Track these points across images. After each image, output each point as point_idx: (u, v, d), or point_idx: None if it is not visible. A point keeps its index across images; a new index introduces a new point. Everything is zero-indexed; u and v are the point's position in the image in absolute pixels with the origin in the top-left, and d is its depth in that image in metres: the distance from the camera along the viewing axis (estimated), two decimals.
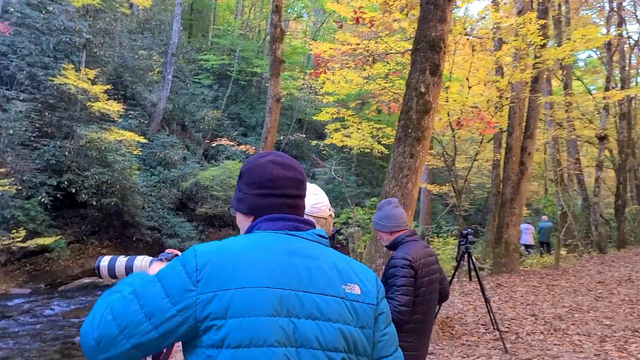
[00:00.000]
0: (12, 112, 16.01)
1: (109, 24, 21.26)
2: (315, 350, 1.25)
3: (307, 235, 1.39)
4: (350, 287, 1.34)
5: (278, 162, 1.45)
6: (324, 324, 1.27)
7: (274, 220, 1.39)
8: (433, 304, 3.23)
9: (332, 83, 10.96)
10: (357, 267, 1.41)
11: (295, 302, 1.26)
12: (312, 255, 1.34)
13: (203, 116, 25.04)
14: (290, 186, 1.44)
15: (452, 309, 8.65)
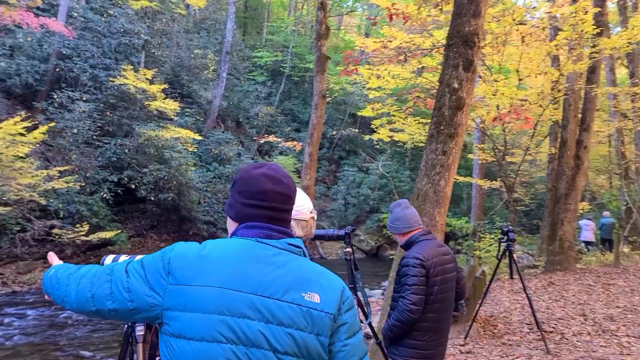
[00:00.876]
0: (76, 113, 16.88)
1: (166, 25, 21.96)
2: (267, 351, 1.34)
3: (277, 243, 1.46)
4: (310, 296, 1.40)
5: (269, 175, 1.53)
6: (276, 327, 1.35)
7: (249, 228, 1.49)
8: (449, 302, 3.23)
9: (378, 78, 10.90)
10: (324, 277, 1.47)
11: (250, 304, 1.35)
12: (276, 262, 1.42)
13: (257, 112, 25.48)
14: (278, 200, 1.51)
15: (498, 307, 8.46)
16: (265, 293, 1.37)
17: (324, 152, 27.36)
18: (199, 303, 1.34)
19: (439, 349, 3.19)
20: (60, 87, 17.85)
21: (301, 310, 1.38)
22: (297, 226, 1.92)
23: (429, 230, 3.34)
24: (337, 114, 28.22)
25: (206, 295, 1.34)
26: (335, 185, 26.26)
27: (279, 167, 1.60)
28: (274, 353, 1.34)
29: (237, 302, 1.35)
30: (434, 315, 3.11)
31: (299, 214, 1.92)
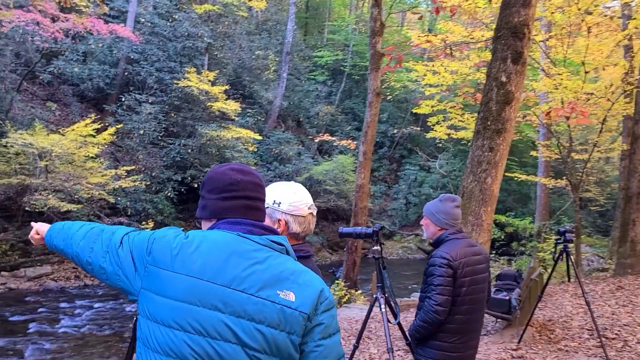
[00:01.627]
0: (143, 114, 17.59)
1: (228, 28, 22.45)
2: (235, 345, 1.34)
3: (259, 239, 1.47)
4: (285, 294, 1.40)
5: (236, 168, 1.57)
6: (247, 322, 1.36)
7: (232, 224, 1.50)
8: (479, 304, 3.09)
9: (434, 74, 10.65)
10: (303, 276, 1.46)
11: (222, 297, 1.36)
12: (255, 257, 1.43)
13: (317, 112, 25.60)
14: (250, 189, 1.54)
15: (559, 311, 8.05)
16: (240, 287, 1.37)
17: (385, 151, 27.11)
18: (172, 289, 1.37)
19: (467, 351, 3.07)
20: (129, 90, 18.67)
21: (275, 308, 1.38)
22: (294, 222, 1.92)
23: (460, 229, 3.20)
24: (399, 112, 27.87)
25: (180, 283, 1.36)
26: (396, 184, 25.96)
27: (242, 164, 1.63)
28: (243, 347, 1.34)
29: (209, 293, 1.36)
30: (461, 317, 2.99)
31: (297, 210, 1.91)
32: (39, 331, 10.39)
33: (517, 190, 24.49)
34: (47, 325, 10.70)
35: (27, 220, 14.91)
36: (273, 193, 1.95)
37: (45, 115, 16.72)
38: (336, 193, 21.79)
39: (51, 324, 10.80)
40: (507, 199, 24.51)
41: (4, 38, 15.55)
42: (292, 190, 1.96)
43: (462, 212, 4.94)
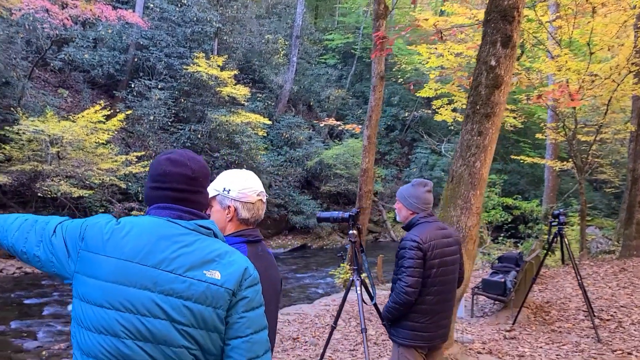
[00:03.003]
0: (153, 100, 17.75)
1: (237, 12, 22.42)
2: (163, 320, 1.45)
3: (187, 224, 1.57)
4: (211, 273, 1.51)
5: (171, 159, 1.64)
6: (175, 300, 1.47)
7: (162, 209, 1.61)
8: (449, 285, 3.18)
9: (438, 57, 10.58)
10: (228, 256, 1.57)
11: (152, 277, 1.47)
12: (183, 241, 1.54)
13: (328, 96, 25.54)
14: (177, 181, 1.61)
15: (559, 293, 8.08)
16: (168, 268, 1.48)
17: (396, 135, 27.02)
18: (104, 272, 1.47)
19: (439, 331, 3.16)
20: (139, 76, 18.82)
21: (201, 286, 1.48)
22: (243, 208, 1.99)
23: (431, 212, 3.26)
24: (410, 95, 27.68)
25: (111, 266, 1.47)
26: (408, 167, 25.91)
27: (187, 152, 1.68)
28: (171, 322, 1.45)
29: (139, 274, 1.46)
30: (432, 298, 3.08)
31: (245, 197, 1.98)
32: (53, 314, 10.67)
33: (529, 173, 24.30)
34: (61, 309, 10.98)
35: (41, 206, 15.24)
36: (223, 180, 2.04)
37: (57, 102, 16.94)
38: (347, 177, 21.85)
39: (65, 307, 11.09)
40: (520, 182, 24.34)
41: (14, 26, 15.73)
42: (242, 177, 2.03)
43: (451, 196, 5.03)
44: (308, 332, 6.95)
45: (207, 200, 1.75)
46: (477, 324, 6.62)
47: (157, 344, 1.44)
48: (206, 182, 1.71)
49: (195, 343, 1.47)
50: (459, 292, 5.04)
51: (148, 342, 1.44)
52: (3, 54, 14.84)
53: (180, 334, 1.45)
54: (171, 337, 1.45)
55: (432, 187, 3.29)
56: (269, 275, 2.00)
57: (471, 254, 5.07)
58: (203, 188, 1.69)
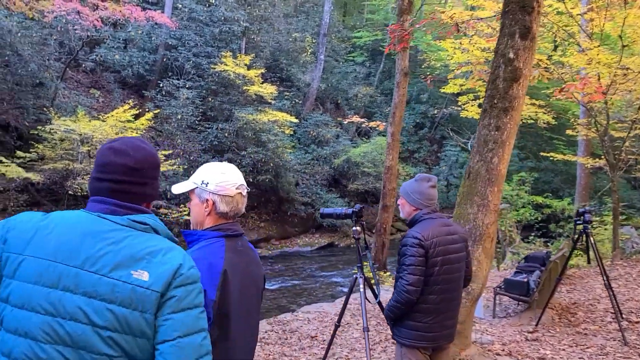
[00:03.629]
0: (181, 99, 17.96)
1: (265, 11, 22.50)
2: (84, 325, 1.36)
3: (120, 219, 1.50)
4: (139, 274, 1.42)
5: (115, 148, 1.56)
6: (98, 302, 1.39)
7: (96, 202, 1.54)
8: (454, 284, 3.06)
9: (463, 52, 10.36)
10: (160, 255, 1.47)
11: (74, 278, 1.40)
12: (111, 238, 1.46)
13: (356, 93, 25.42)
14: (118, 172, 1.54)
15: (587, 294, 7.81)
16: (92, 268, 1.40)
17: (425, 132, 26.72)
18: (26, 273, 1.41)
19: (443, 331, 3.05)
20: (167, 75, 19.07)
21: (126, 288, 1.40)
22: (221, 202, 1.94)
23: (435, 209, 3.15)
24: (439, 93, 27.32)
25: (32, 266, 1.41)
26: (437, 165, 25.58)
27: (133, 140, 1.61)
28: (93, 327, 1.37)
29: (61, 275, 1.40)
30: (435, 297, 2.98)
31: (224, 190, 1.93)
32: None
33: (563, 171, 23.69)
34: None
35: (73, 203, 15.56)
36: (202, 173, 1.98)
37: (88, 102, 17.29)
38: (374, 175, 21.69)
39: None
40: (554, 180, 23.76)
41: (47, 28, 16.12)
42: (221, 170, 1.97)
43: (467, 193, 4.90)
44: (327, 330, 6.88)
45: (155, 192, 1.67)
46: (498, 324, 6.44)
47: (77, 349, 1.37)
48: (153, 172, 1.62)
49: (119, 349, 1.39)
50: (476, 292, 4.91)
51: (67, 346, 1.37)
52: (37, 55, 15.22)
53: (102, 339, 1.37)
54: (92, 343, 1.37)
55: (436, 183, 3.18)
56: (250, 272, 1.95)
57: (489, 253, 4.93)
58: (148, 179, 1.60)
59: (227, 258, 1.83)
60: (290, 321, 7.16)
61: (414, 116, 26.24)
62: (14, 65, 14.38)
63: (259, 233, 19.23)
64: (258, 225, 19.58)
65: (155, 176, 1.65)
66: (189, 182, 2.00)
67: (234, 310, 1.82)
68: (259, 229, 19.48)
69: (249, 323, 1.94)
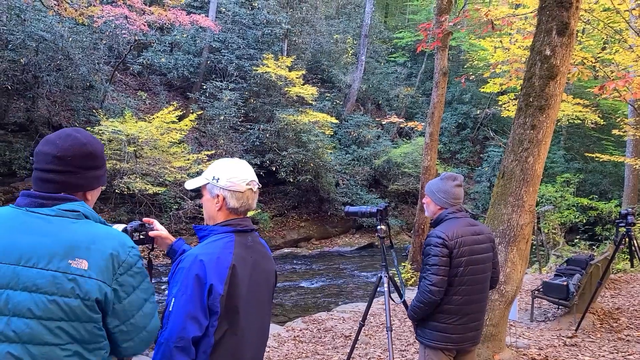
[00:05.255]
0: (224, 101, 18.32)
1: (307, 13, 22.68)
2: (29, 320, 1.38)
3: (49, 211, 1.50)
4: (77, 262, 1.44)
5: (46, 138, 1.60)
6: (39, 295, 1.39)
7: (24, 197, 1.55)
8: (480, 285, 3.02)
9: (504, 51, 10.19)
10: (97, 242, 1.50)
11: (12, 275, 1.40)
12: (42, 231, 1.47)
13: (397, 94, 25.28)
14: (43, 161, 1.55)
15: (633, 299, 7.57)
16: (29, 263, 1.41)
17: (467, 133, 26.30)
18: None
19: (468, 333, 3.02)
20: (211, 78, 19.48)
21: (67, 278, 1.41)
22: (232, 197, 1.97)
23: (461, 207, 3.14)
24: (482, 93, 26.86)
25: None
26: (480, 166, 25.14)
27: (67, 130, 1.61)
28: (38, 320, 1.38)
29: None
30: (459, 298, 2.95)
31: (234, 186, 1.97)
32: None
33: (613, 173, 22.87)
34: None
35: (120, 202, 16.11)
36: (213, 169, 2.03)
37: (135, 104, 17.85)
38: (415, 176, 21.49)
39: None
40: (602, 182, 22.97)
41: (97, 33, 16.74)
42: (231, 166, 2.01)
43: (501, 193, 4.85)
44: (362, 330, 6.91)
45: (87, 182, 1.62)
46: (536, 328, 6.32)
47: (24, 344, 1.37)
48: (81, 161, 1.58)
49: (67, 337, 1.40)
50: (510, 294, 4.84)
51: (13, 343, 1.37)
52: (87, 59, 15.82)
53: (49, 330, 1.39)
54: (39, 336, 1.38)
55: (462, 182, 3.17)
56: (261, 267, 1.99)
57: (524, 254, 4.86)
58: (75, 168, 1.57)
59: (236, 253, 1.87)
60: (325, 320, 7.23)
61: (456, 116, 25.88)
62: (65, 69, 14.98)
63: (299, 233, 19.39)
64: (298, 225, 19.74)
65: (85, 166, 1.60)
66: (201, 177, 2.05)
67: (243, 305, 1.86)
68: (300, 228, 19.64)
69: (260, 318, 1.97)
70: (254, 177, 2.04)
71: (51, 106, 15.44)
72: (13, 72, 13.83)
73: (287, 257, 17.27)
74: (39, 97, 14.93)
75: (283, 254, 17.65)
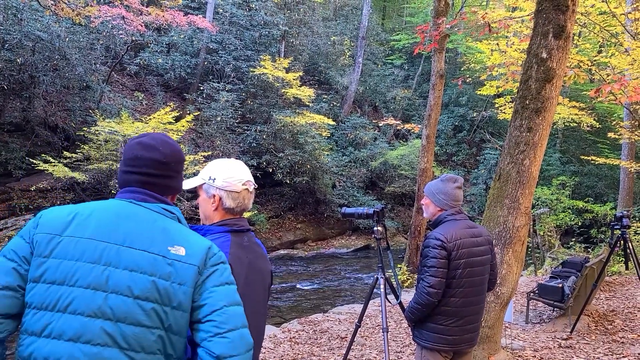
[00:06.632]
0: (221, 102, 18.31)
1: (304, 15, 22.70)
2: (126, 297, 1.45)
3: (152, 206, 1.62)
4: (176, 249, 1.54)
5: (143, 142, 1.66)
6: (139, 275, 1.47)
7: (127, 192, 1.64)
8: (477, 287, 3.04)
9: (501, 53, 10.23)
10: (192, 236, 1.60)
11: (115, 254, 1.48)
12: (146, 219, 1.57)
13: (394, 96, 25.33)
14: (147, 165, 1.64)
15: (628, 302, 7.60)
16: (133, 245, 1.50)
17: (464, 135, 26.38)
18: (66, 251, 1.47)
19: (465, 335, 3.03)
20: (208, 79, 19.48)
21: (165, 261, 1.50)
22: (228, 197, 1.99)
23: (460, 209, 3.15)
24: (479, 95, 26.95)
25: (73, 245, 1.48)
26: (476, 169, 25.21)
27: (160, 136, 1.69)
28: (134, 299, 1.45)
29: (103, 252, 1.48)
30: (457, 300, 2.96)
31: (230, 186, 1.98)
32: None
33: (608, 175, 22.97)
34: None
35: None
36: (209, 169, 2.05)
37: (132, 104, 17.82)
38: (411, 178, 21.55)
39: None
40: (597, 185, 23.07)
41: (94, 33, 16.71)
42: (228, 166, 2.03)
43: (497, 195, 4.88)
44: (358, 331, 6.92)
45: (180, 185, 1.76)
46: (531, 330, 6.34)
47: (117, 322, 1.43)
48: (179, 166, 1.71)
49: (158, 320, 1.46)
50: (506, 296, 4.86)
51: (107, 319, 1.42)
52: (84, 59, 15.79)
53: (143, 311, 1.44)
54: (133, 315, 1.44)
55: (462, 184, 3.18)
56: (256, 267, 2.00)
57: (519, 256, 4.88)
58: (175, 173, 1.70)
59: (232, 253, 1.88)
60: (322, 321, 7.23)
61: (453, 119, 25.96)
62: (62, 69, 14.95)
63: (295, 234, 19.39)
64: (295, 227, 19.75)
65: (180, 170, 1.74)
66: (197, 177, 2.07)
67: None
68: (296, 230, 19.64)
69: (255, 318, 1.97)
70: (250, 178, 2.05)
71: (47, 106, 15.40)
72: (9, 72, 13.79)
73: (284, 259, 17.27)
74: (36, 97, 14.89)
75: (279, 255, 17.65)
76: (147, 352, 1.45)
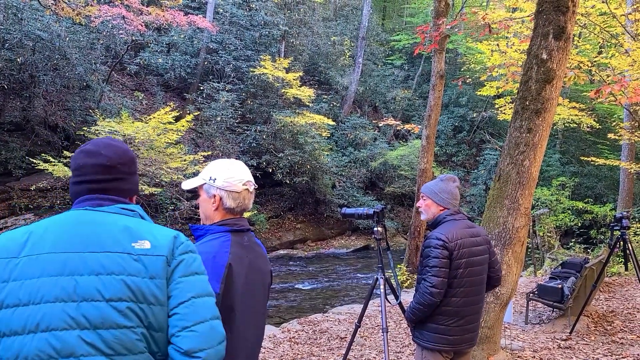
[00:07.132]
0: (220, 102, 18.32)
1: (304, 15, 22.71)
2: (98, 302, 1.39)
3: (109, 209, 1.57)
4: (140, 244, 1.49)
5: (85, 150, 1.62)
6: (107, 277, 1.42)
7: (81, 202, 1.59)
8: (477, 287, 3.05)
9: (501, 54, 10.24)
10: (156, 229, 1.56)
11: (79, 261, 1.43)
12: (105, 222, 1.52)
13: (394, 97, 25.34)
14: (93, 172, 1.60)
15: (627, 302, 7.60)
16: (96, 249, 1.45)
17: (464, 136, 26.38)
18: (26, 271, 1.41)
19: (465, 335, 3.04)
20: (208, 79, 19.48)
21: (131, 258, 1.45)
22: (228, 197, 1.99)
23: (459, 209, 3.16)
24: (479, 96, 26.95)
25: (33, 263, 1.42)
26: (476, 169, 25.22)
27: (103, 140, 1.65)
28: (107, 302, 1.40)
29: (65, 262, 1.42)
30: (458, 300, 2.97)
31: (230, 186, 1.99)
32: None
33: (608, 176, 22.98)
34: None
35: None
36: (210, 169, 2.05)
37: (132, 104, 17.82)
38: (411, 178, 21.54)
39: None
40: (597, 185, 23.08)
41: (94, 32, 16.71)
42: (228, 167, 2.03)
43: (497, 196, 4.89)
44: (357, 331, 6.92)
45: (134, 186, 1.70)
46: (531, 331, 6.35)
47: (95, 330, 1.38)
48: (128, 167, 1.66)
49: (136, 319, 1.41)
50: (506, 296, 4.87)
51: (85, 329, 1.37)
52: (84, 59, 15.79)
53: (119, 312, 1.39)
54: (109, 318, 1.38)
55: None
56: (256, 267, 2.00)
57: (519, 257, 4.88)
58: (125, 174, 1.64)
59: (233, 252, 1.89)
60: (321, 321, 7.23)
61: (453, 119, 25.97)
62: (62, 69, 14.95)
63: (295, 234, 19.40)
64: (294, 227, 19.75)
65: (132, 171, 1.68)
66: (198, 178, 2.07)
67: (239, 304, 1.88)
68: (296, 230, 19.64)
69: (255, 317, 1.99)
70: (250, 178, 2.06)
71: (47, 106, 15.40)
72: (9, 71, 13.80)
73: (283, 259, 17.27)
74: (36, 96, 14.89)
75: (279, 255, 17.66)
76: (133, 354, 1.41)
